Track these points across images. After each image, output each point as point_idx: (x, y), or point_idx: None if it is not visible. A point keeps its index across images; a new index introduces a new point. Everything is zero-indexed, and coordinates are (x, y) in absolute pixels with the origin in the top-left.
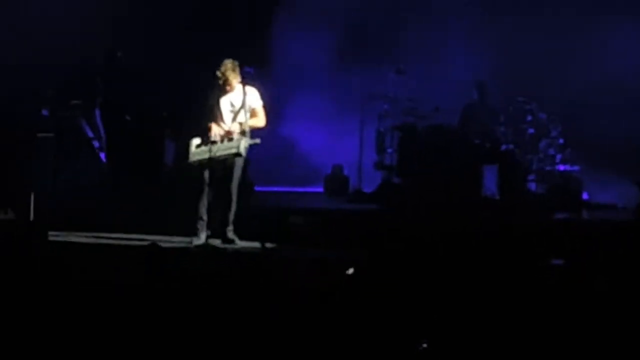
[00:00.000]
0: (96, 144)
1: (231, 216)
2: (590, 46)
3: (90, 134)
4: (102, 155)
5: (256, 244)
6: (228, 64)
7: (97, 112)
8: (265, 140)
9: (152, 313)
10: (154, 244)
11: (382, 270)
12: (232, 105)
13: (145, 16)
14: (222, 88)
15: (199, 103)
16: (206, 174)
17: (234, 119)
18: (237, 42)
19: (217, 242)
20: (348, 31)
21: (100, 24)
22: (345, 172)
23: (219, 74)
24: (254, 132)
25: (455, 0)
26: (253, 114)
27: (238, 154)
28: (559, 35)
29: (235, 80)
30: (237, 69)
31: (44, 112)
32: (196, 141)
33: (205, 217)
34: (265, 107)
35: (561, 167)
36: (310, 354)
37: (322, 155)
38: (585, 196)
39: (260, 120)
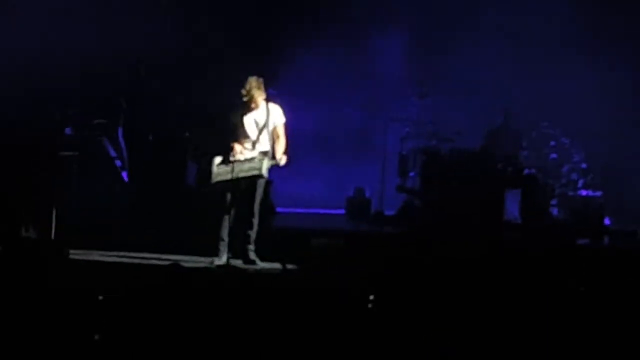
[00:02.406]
0: (118, 163)
1: (252, 237)
2: (613, 73)
3: (113, 153)
4: (124, 175)
5: (277, 265)
6: (253, 81)
7: (120, 132)
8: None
9: (173, 333)
10: (175, 264)
11: (404, 293)
12: (256, 123)
13: (169, 35)
14: (247, 106)
15: (223, 121)
16: (228, 194)
17: (258, 137)
18: (259, 62)
19: (238, 263)
20: (373, 55)
21: (124, 42)
22: (367, 194)
23: (243, 91)
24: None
25: (479, 25)
26: (276, 132)
27: (260, 176)
28: (583, 61)
29: (260, 97)
30: (262, 87)
31: (67, 130)
32: (218, 160)
33: (226, 238)
34: (286, 125)
35: (583, 193)
36: None
37: (344, 178)
38: (606, 222)
39: (282, 142)
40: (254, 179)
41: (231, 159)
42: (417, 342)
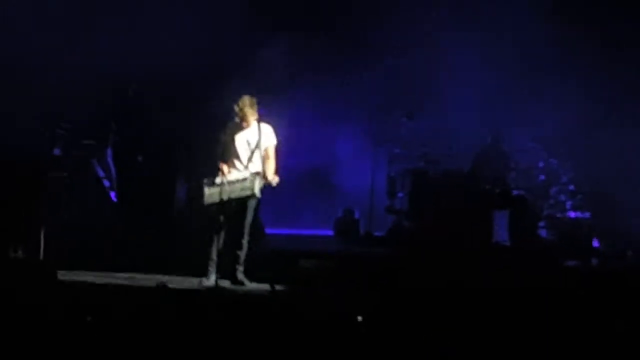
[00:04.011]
0: (107, 183)
1: (242, 257)
2: (602, 94)
3: (102, 174)
4: (113, 195)
5: (266, 286)
6: (246, 99)
7: (109, 152)
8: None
9: (161, 354)
10: (162, 285)
11: (392, 315)
12: (248, 143)
13: (159, 56)
14: (239, 125)
15: (214, 140)
16: (220, 215)
17: (250, 158)
18: (251, 85)
19: (226, 284)
20: (361, 76)
21: (113, 63)
22: (356, 215)
23: (236, 109)
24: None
25: (468, 46)
26: (266, 153)
27: (253, 195)
28: (572, 82)
29: (252, 117)
30: (255, 106)
31: (56, 151)
32: (209, 181)
33: (215, 258)
34: (277, 146)
35: (572, 214)
36: None
37: (333, 198)
38: (595, 243)
39: (272, 162)
40: (246, 199)
41: (220, 180)
42: None
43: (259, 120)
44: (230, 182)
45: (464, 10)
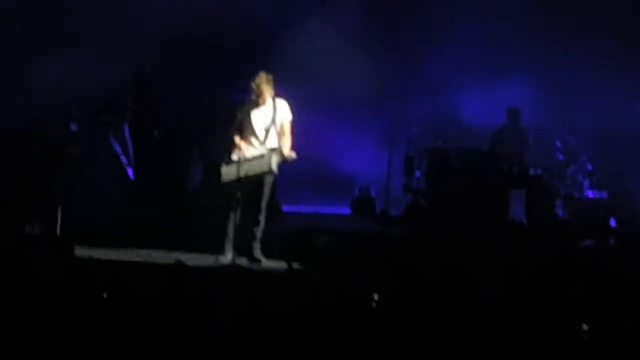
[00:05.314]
0: (124, 159)
1: (258, 234)
2: (619, 72)
3: (119, 150)
4: (130, 171)
5: (282, 264)
6: (263, 76)
7: (126, 128)
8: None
9: (177, 331)
10: (179, 262)
11: (408, 293)
12: (263, 119)
13: (175, 33)
14: (255, 101)
15: (230, 117)
16: (237, 192)
17: (266, 134)
18: (268, 62)
19: (243, 261)
20: (379, 54)
21: (130, 41)
22: (373, 194)
23: (253, 85)
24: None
25: (488, 25)
26: (282, 129)
27: (270, 171)
28: (590, 59)
29: (268, 93)
30: (272, 83)
31: (73, 127)
32: (226, 159)
33: (232, 235)
34: (292, 122)
35: (589, 193)
36: None
37: (349, 177)
38: (612, 223)
39: (287, 138)
40: (263, 175)
41: (237, 157)
42: (420, 341)
43: (275, 97)
44: (247, 159)
45: None
